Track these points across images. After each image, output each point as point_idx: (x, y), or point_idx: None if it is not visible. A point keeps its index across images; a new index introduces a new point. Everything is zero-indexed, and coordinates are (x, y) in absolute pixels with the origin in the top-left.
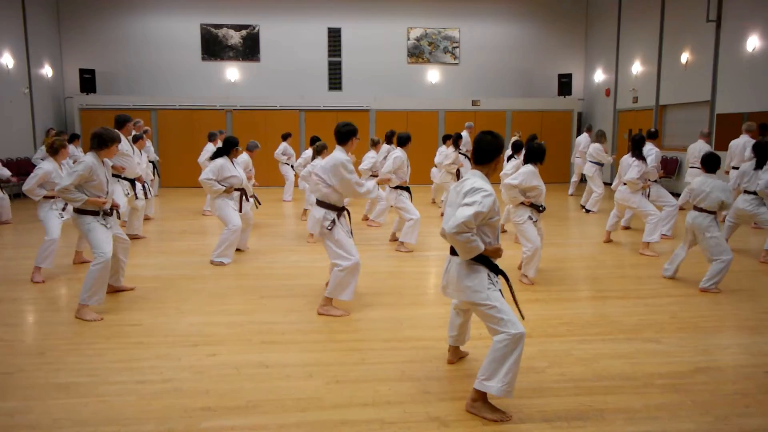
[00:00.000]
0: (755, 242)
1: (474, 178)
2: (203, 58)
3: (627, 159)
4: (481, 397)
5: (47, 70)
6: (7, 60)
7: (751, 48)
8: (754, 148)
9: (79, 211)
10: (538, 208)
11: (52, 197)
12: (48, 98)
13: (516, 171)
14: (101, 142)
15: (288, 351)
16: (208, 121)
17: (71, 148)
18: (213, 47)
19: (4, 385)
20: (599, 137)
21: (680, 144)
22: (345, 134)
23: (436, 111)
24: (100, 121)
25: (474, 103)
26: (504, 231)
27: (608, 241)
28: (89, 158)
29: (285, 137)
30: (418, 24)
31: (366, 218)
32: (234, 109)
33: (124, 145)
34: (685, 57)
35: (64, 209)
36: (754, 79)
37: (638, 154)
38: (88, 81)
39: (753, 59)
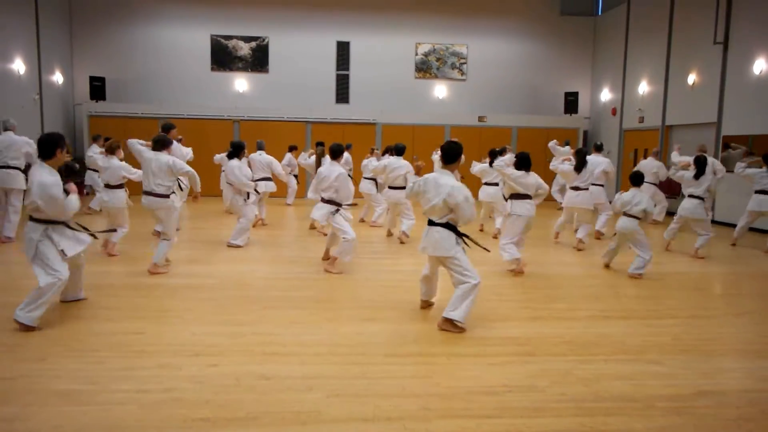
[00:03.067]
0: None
1: (448, 177)
2: (212, 69)
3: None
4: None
5: (58, 77)
6: (19, 66)
7: (757, 71)
8: (696, 161)
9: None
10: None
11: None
12: (58, 105)
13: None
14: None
15: (289, 363)
16: (216, 131)
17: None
18: (222, 58)
19: (4, 391)
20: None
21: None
22: (342, 152)
23: (442, 126)
24: (109, 128)
25: (480, 119)
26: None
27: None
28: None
29: (291, 149)
30: (427, 39)
31: (362, 221)
32: (242, 120)
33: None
34: (691, 78)
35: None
36: (760, 101)
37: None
38: (97, 88)
39: (759, 82)
